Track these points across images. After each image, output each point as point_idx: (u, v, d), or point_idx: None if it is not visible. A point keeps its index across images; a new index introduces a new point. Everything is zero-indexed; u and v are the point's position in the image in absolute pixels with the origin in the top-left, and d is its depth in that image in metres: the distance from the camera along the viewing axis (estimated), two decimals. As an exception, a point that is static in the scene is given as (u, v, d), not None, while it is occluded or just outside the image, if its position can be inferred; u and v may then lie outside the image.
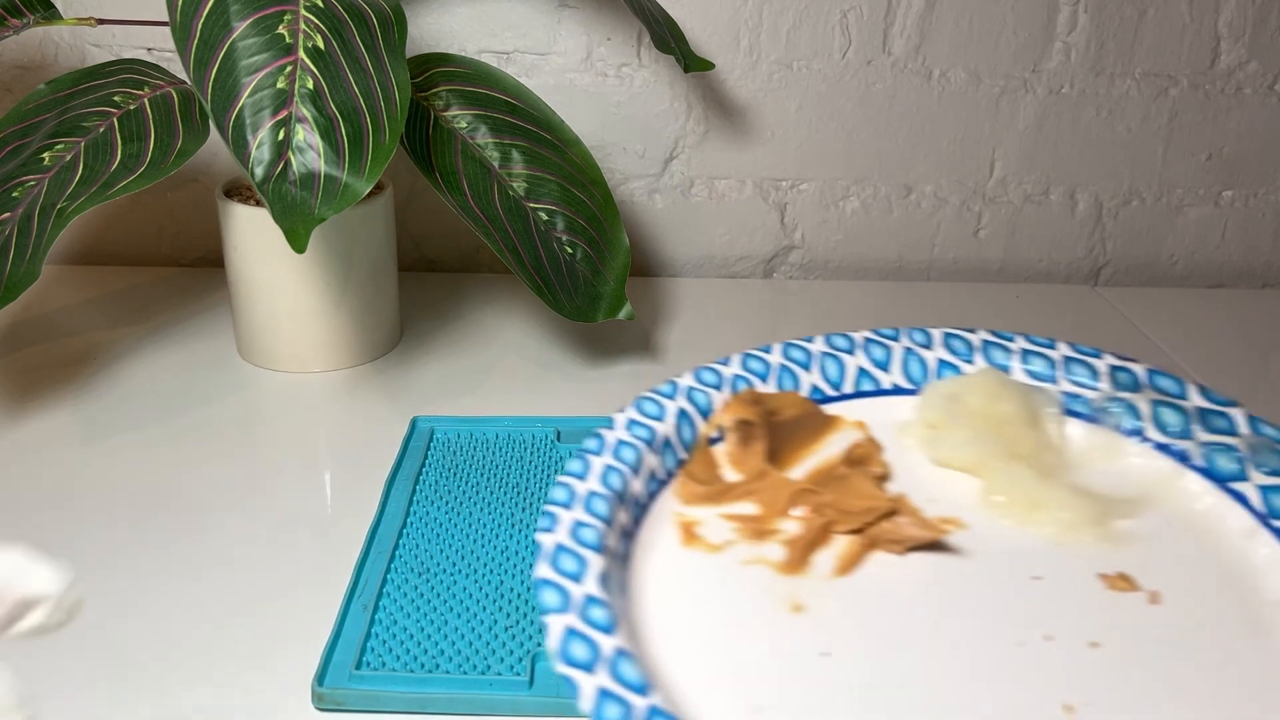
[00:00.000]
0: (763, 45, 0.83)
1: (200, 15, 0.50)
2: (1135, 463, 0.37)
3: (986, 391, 0.38)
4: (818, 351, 0.41)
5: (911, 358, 0.41)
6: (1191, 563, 0.34)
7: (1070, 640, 0.32)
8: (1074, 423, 0.38)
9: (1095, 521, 0.35)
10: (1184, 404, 0.37)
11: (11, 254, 0.52)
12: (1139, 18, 0.84)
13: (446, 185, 0.61)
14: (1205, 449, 0.36)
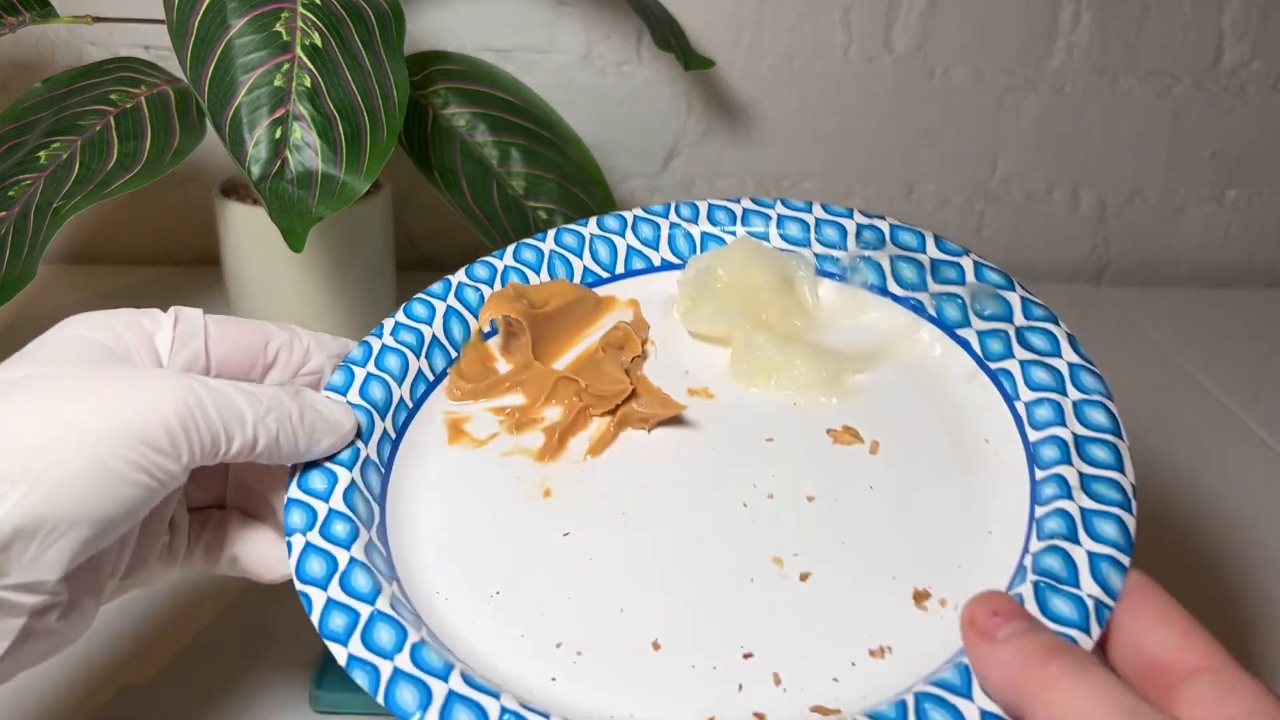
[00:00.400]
0: (763, 43, 0.83)
1: (197, 13, 0.49)
2: (877, 317, 0.39)
3: (738, 262, 0.39)
4: (589, 235, 0.42)
5: (678, 232, 0.42)
6: (916, 410, 0.36)
7: (790, 496, 0.34)
8: (827, 283, 0.40)
9: (830, 379, 0.37)
10: (920, 257, 0.39)
11: (7, 253, 0.52)
12: (1142, 16, 0.84)
13: (445, 184, 0.60)
14: (936, 299, 0.38)
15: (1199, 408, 0.69)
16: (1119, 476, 0.31)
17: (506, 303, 0.40)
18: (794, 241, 0.41)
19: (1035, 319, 0.36)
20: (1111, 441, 0.32)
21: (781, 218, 0.41)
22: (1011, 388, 0.35)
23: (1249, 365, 0.76)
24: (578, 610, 0.32)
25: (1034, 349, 0.35)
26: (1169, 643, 0.26)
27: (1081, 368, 0.34)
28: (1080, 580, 0.29)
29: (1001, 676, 0.26)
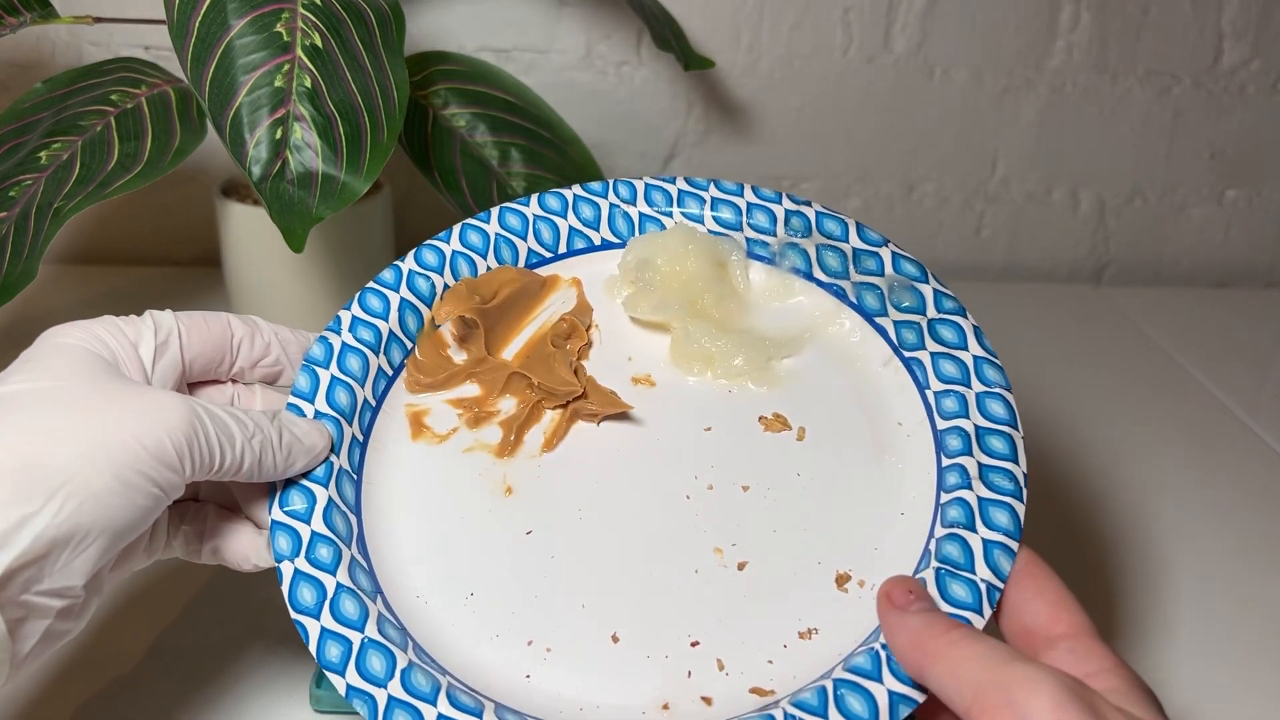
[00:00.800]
0: (763, 43, 0.83)
1: (198, 13, 0.49)
2: (803, 300, 0.41)
3: (674, 250, 0.41)
4: (531, 215, 0.43)
5: (617, 213, 0.43)
6: (838, 394, 0.39)
7: (727, 487, 0.37)
8: (757, 265, 0.42)
9: (760, 366, 0.39)
10: (843, 246, 0.41)
11: (8, 253, 0.52)
12: (1141, 16, 0.84)
13: (445, 184, 0.60)
14: (857, 288, 0.40)
15: (1199, 408, 0.69)
16: (1013, 467, 0.34)
17: (460, 302, 0.41)
18: (727, 225, 0.43)
19: (946, 311, 0.38)
20: (1008, 433, 0.35)
21: (715, 200, 0.43)
22: (923, 377, 0.37)
23: (1249, 365, 0.76)
24: (544, 609, 0.35)
25: (943, 341, 0.37)
26: (1041, 614, 0.31)
27: (985, 360, 0.37)
28: (975, 566, 0.33)
29: (908, 639, 0.30)
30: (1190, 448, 0.64)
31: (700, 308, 0.41)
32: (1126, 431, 0.65)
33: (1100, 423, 0.66)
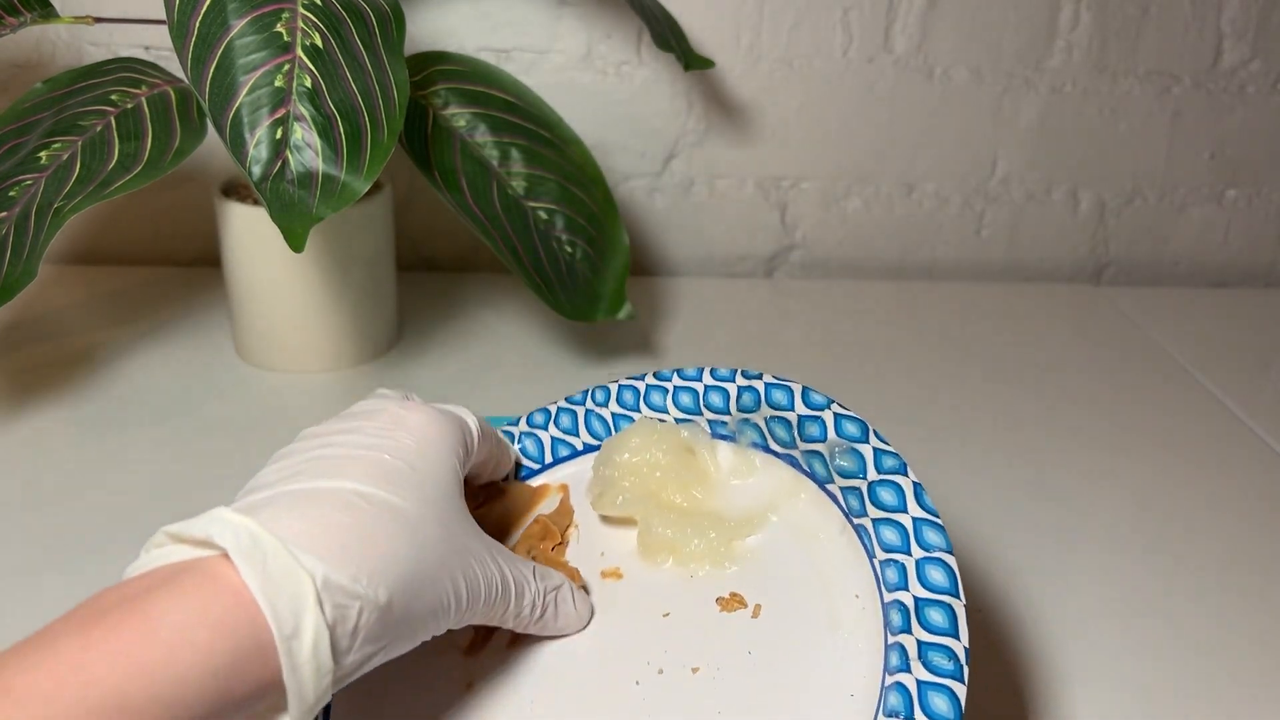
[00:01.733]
0: (763, 43, 0.83)
1: (198, 13, 0.49)
2: (763, 476, 0.41)
3: (639, 445, 0.42)
4: (519, 433, 0.46)
5: (592, 417, 0.46)
6: (797, 569, 0.38)
7: (677, 670, 0.36)
8: (724, 445, 0.42)
9: (722, 549, 0.39)
10: (789, 415, 0.41)
11: (8, 254, 0.52)
12: (1141, 16, 0.84)
13: (445, 184, 0.60)
14: (806, 456, 0.40)
15: (1198, 408, 0.69)
16: (953, 643, 0.32)
17: None
18: (687, 410, 0.44)
19: (886, 471, 0.37)
20: (948, 603, 0.33)
21: (676, 389, 0.44)
22: (869, 544, 0.36)
23: (1248, 365, 0.76)
24: None
25: (883, 505, 0.36)
26: None
27: (926, 522, 0.35)
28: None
29: None
30: (1190, 448, 0.64)
31: (664, 498, 0.41)
32: (1126, 431, 0.65)
33: (1100, 423, 0.66)
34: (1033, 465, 0.61)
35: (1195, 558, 0.53)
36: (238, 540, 0.28)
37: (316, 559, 0.28)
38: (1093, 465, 0.61)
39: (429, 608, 0.32)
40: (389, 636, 0.31)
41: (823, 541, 0.38)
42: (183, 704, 0.26)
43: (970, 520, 0.56)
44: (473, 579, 0.34)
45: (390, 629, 0.30)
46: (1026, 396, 0.69)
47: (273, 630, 0.27)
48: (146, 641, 0.25)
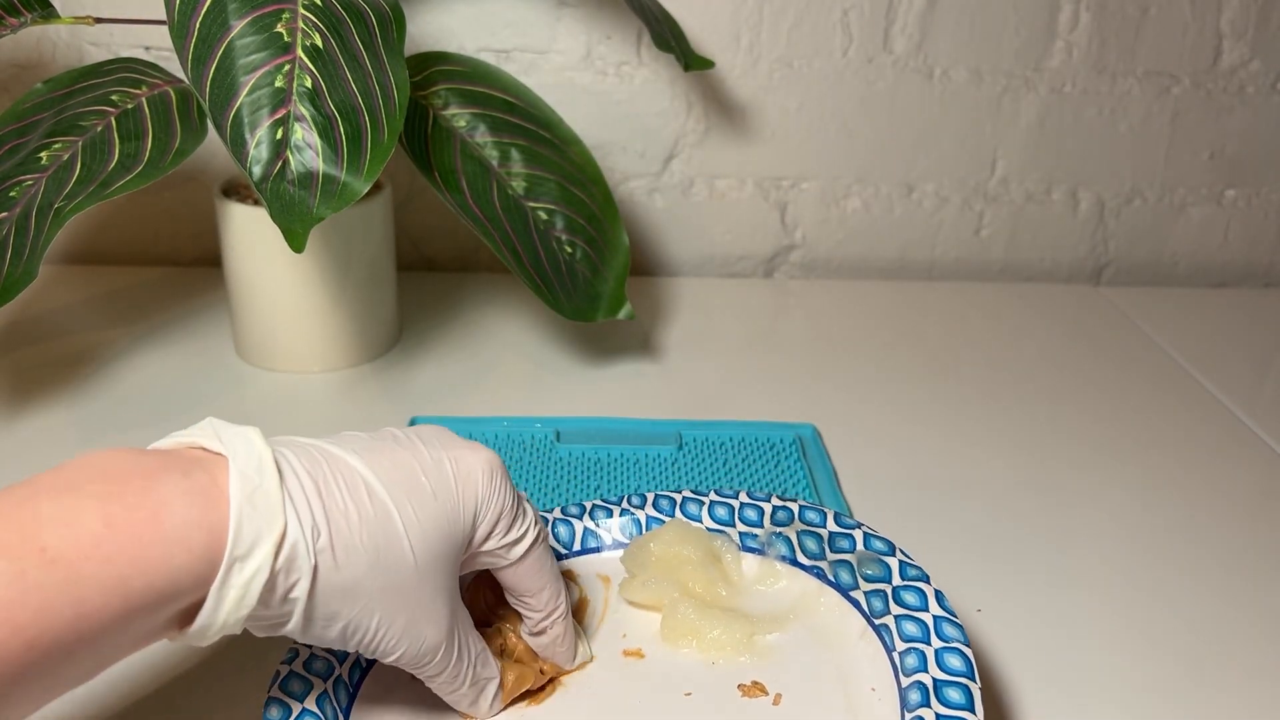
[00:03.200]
0: (763, 43, 0.83)
1: (198, 14, 0.50)
2: (786, 584, 0.45)
3: (668, 540, 0.45)
4: (553, 518, 0.48)
5: (626, 516, 0.48)
6: (816, 665, 0.41)
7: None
8: (749, 556, 0.46)
9: (744, 639, 0.42)
10: (821, 531, 0.45)
11: (9, 254, 0.52)
12: (1141, 16, 0.84)
13: (445, 184, 0.60)
14: (834, 566, 0.44)
15: (1198, 408, 0.69)
16: (969, 716, 0.35)
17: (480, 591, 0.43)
18: (721, 522, 0.47)
19: (909, 579, 0.41)
20: (965, 684, 0.36)
21: (712, 503, 0.48)
22: (890, 640, 0.40)
23: (1248, 365, 0.76)
24: None
25: (906, 605, 0.40)
26: None
27: (945, 619, 0.39)
28: None
29: None
30: (1190, 448, 0.64)
31: (689, 588, 0.44)
32: (1125, 431, 0.65)
33: (1099, 422, 0.66)
34: (1032, 465, 0.61)
35: (1195, 557, 0.53)
36: (247, 459, 0.30)
37: (298, 512, 0.30)
38: (1092, 464, 0.61)
39: (369, 621, 0.32)
40: (317, 623, 0.31)
41: (843, 642, 0.41)
42: (144, 595, 0.28)
43: (969, 520, 0.56)
44: (422, 622, 0.34)
45: (323, 617, 0.31)
46: (1026, 396, 0.69)
47: (227, 545, 0.29)
48: (156, 536, 0.28)
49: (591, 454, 0.59)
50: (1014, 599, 0.50)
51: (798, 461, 0.58)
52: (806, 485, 0.56)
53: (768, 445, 0.60)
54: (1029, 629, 0.47)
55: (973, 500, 0.57)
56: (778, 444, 0.60)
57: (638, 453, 0.59)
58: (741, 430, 0.62)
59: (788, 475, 0.57)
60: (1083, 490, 0.59)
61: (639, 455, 0.59)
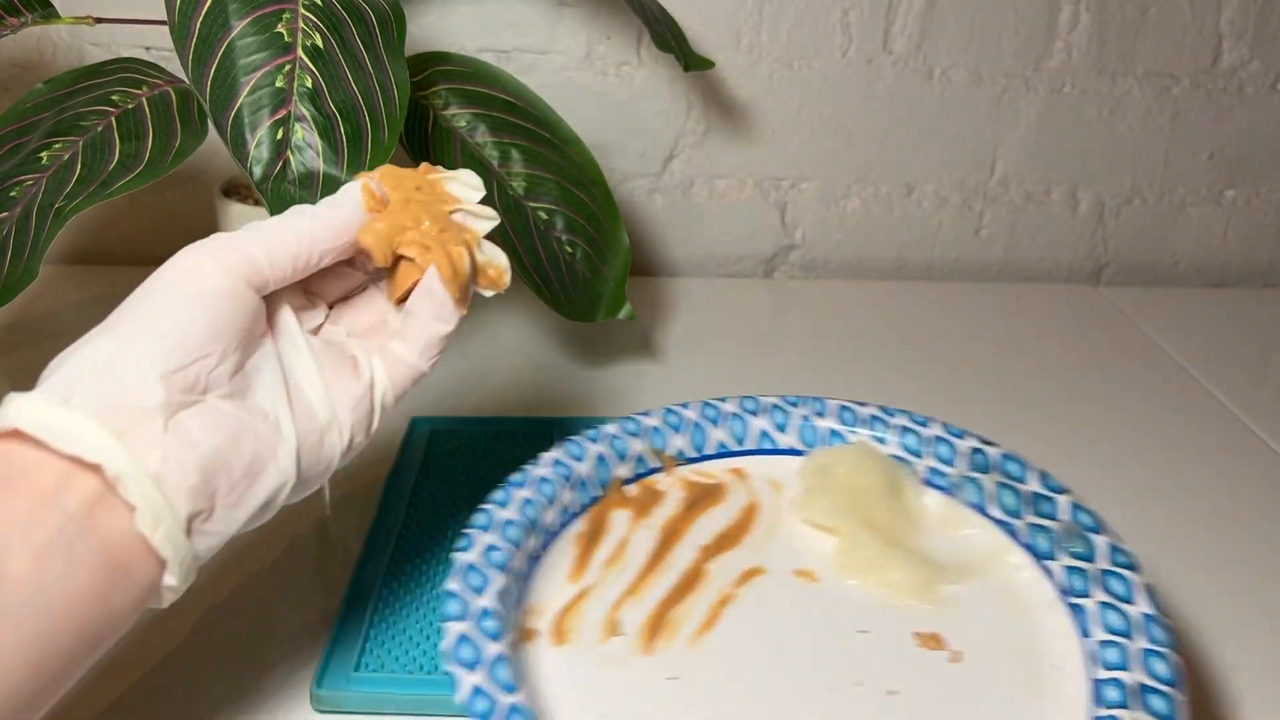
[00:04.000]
0: (763, 44, 0.83)
1: (199, 14, 0.50)
2: (975, 534, 0.42)
3: (853, 464, 0.43)
4: (728, 411, 0.48)
5: (806, 424, 0.47)
6: (997, 628, 0.39)
7: (874, 688, 0.37)
8: (933, 493, 0.44)
9: (924, 585, 0.40)
10: (1022, 488, 0.43)
11: (9, 254, 0.52)
12: (1140, 16, 0.84)
13: (446, 184, 0.60)
14: (1031, 529, 0.42)
15: (1198, 408, 0.69)
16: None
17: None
18: (911, 451, 0.45)
19: (1118, 565, 0.39)
20: (1169, 694, 0.34)
21: (903, 428, 0.46)
22: (1085, 624, 0.38)
23: (1248, 365, 0.76)
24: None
25: (1113, 592, 0.38)
26: None
27: (1153, 619, 0.37)
28: None
29: None
30: (1189, 448, 0.64)
31: (871, 519, 0.42)
32: (1125, 431, 0.65)
33: (1098, 422, 0.66)
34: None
35: (1195, 557, 0.54)
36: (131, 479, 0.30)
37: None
38: (1092, 464, 0.61)
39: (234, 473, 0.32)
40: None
41: (1028, 609, 0.39)
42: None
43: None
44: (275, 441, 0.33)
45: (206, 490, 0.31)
46: (1025, 396, 0.69)
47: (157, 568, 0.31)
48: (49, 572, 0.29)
49: (591, 454, 0.59)
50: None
51: (798, 461, 0.58)
52: (806, 485, 0.56)
53: (768, 445, 0.60)
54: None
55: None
56: (778, 444, 0.60)
57: (638, 453, 0.59)
58: (741, 430, 0.61)
59: (788, 475, 0.57)
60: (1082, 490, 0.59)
61: (639, 455, 0.59)
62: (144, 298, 0.34)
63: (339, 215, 0.35)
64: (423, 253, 0.37)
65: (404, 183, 0.38)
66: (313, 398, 0.34)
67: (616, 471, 0.46)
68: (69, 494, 0.29)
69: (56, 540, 0.29)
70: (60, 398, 0.30)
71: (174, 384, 0.31)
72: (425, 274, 0.37)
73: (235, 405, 0.32)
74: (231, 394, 0.33)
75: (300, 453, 0.33)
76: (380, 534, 0.51)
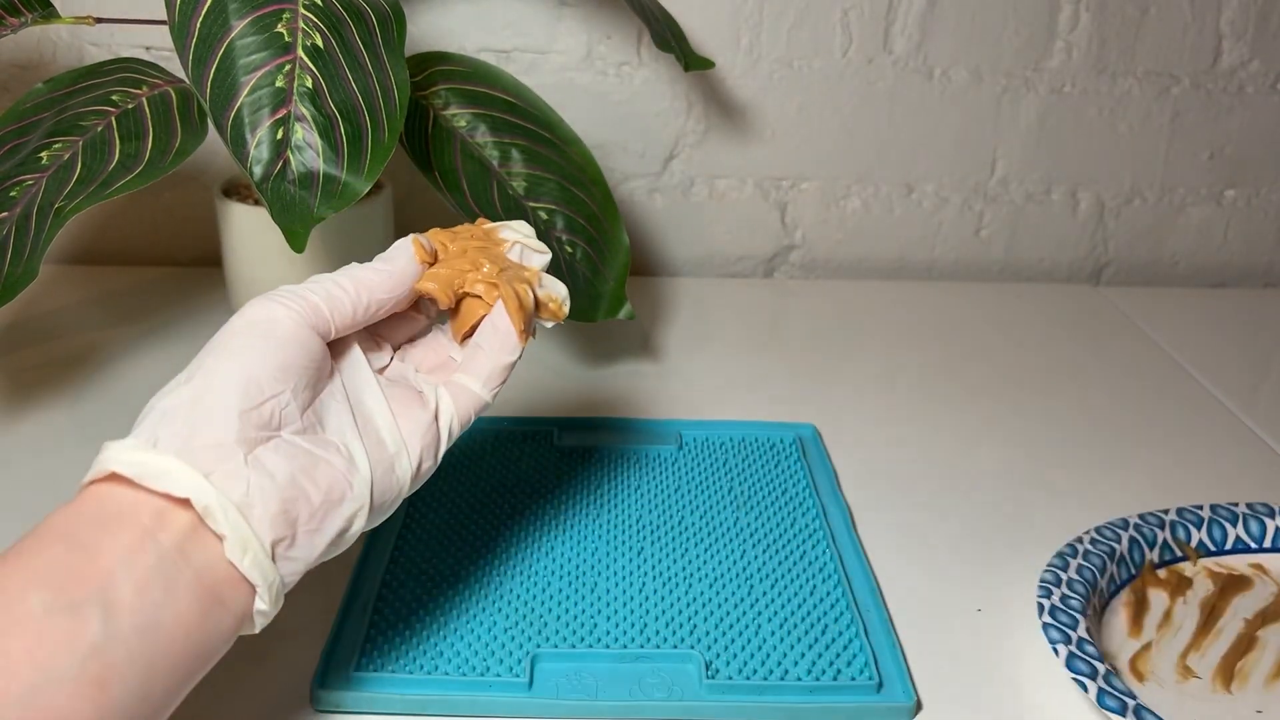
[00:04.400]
0: (763, 44, 0.83)
1: (199, 14, 0.50)
2: None
3: None
4: (1241, 512, 0.53)
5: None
6: None
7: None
8: None
9: None
10: None
11: (9, 253, 0.52)
12: (1141, 16, 0.84)
13: (446, 184, 0.60)
14: None
15: (1197, 407, 0.69)
16: None
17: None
18: None
19: None
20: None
21: None
22: None
23: (1248, 365, 0.76)
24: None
25: None
26: None
27: None
28: None
29: None
30: (1189, 447, 0.64)
31: None
32: (1125, 431, 0.65)
33: (1099, 422, 0.66)
34: (1032, 465, 0.61)
35: (1194, 557, 0.54)
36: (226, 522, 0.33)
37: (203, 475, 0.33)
38: (1092, 464, 0.61)
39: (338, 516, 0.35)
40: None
41: None
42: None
43: (970, 520, 0.56)
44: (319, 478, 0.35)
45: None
46: (1026, 396, 0.69)
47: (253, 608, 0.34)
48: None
49: (591, 454, 0.59)
50: (1014, 598, 0.50)
51: (798, 461, 0.58)
52: (807, 485, 0.56)
53: (768, 445, 0.60)
54: (1029, 629, 0.47)
55: (973, 500, 0.57)
56: (778, 444, 0.60)
57: (638, 453, 0.59)
58: (741, 430, 0.62)
59: (788, 475, 0.57)
60: (1082, 490, 0.59)
61: (639, 455, 0.59)
62: (220, 345, 0.37)
63: (394, 268, 0.39)
64: (489, 289, 0.40)
65: (459, 235, 0.42)
66: (382, 429, 0.37)
67: (1149, 556, 0.51)
68: (164, 529, 0.32)
69: (156, 572, 0.31)
70: (148, 441, 0.33)
71: (250, 421, 0.34)
72: (492, 309, 0.40)
73: (308, 440, 0.35)
74: (304, 429, 0.35)
75: (373, 480, 0.36)
76: (380, 534, 0.51)
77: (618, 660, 0.43)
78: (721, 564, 0.49)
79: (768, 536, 0.52)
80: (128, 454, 0.33)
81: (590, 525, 0.52)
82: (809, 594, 0.48)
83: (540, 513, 0.53)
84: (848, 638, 0.45)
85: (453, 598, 0.46)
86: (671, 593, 0.47)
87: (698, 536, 0.52)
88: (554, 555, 0.50)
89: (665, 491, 0.55)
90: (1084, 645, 0.42)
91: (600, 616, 0.46)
